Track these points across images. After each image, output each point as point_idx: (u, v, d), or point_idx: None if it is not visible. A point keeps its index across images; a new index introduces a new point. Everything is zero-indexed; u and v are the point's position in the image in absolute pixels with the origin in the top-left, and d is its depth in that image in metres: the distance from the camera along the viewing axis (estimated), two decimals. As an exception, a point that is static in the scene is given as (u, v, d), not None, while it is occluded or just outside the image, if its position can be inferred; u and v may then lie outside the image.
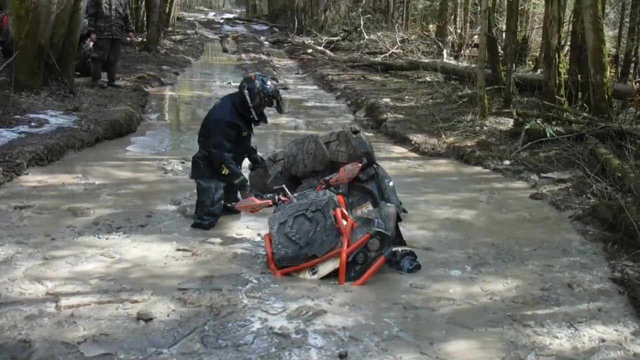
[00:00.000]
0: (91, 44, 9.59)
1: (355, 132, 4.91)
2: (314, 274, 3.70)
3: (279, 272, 3.72)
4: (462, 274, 3.89)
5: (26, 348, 2.75)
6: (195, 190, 4.63)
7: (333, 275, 3.67)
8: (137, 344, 2.85)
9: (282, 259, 3.73)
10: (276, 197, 4.27)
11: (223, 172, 4.45)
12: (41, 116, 7.05)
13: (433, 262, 4.01)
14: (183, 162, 6.12)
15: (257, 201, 4.22)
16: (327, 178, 4.54)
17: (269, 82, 4.57)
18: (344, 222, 3.81)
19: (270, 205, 4.23)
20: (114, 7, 9.36)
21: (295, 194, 4.32)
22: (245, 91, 4.48)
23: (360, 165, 4.55)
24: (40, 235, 4.08)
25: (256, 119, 4.57)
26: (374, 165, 4.79)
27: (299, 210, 3.90)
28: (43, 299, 3.24)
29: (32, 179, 5.34)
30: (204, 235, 4.32)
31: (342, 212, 3.93)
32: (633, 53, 9.20)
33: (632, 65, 9.35)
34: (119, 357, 2.73)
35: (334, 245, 3.71)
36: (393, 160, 6.89)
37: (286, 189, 4.36)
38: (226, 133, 4.46)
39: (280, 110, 4.74)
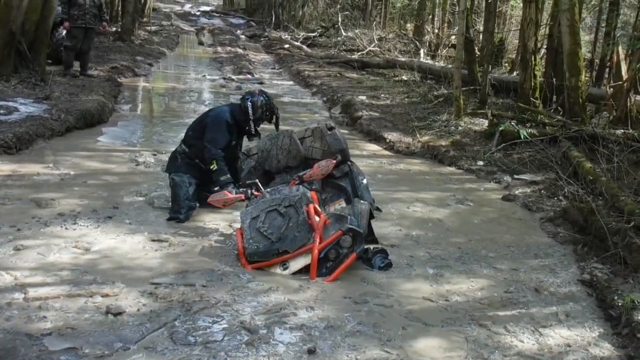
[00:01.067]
0: (64, 32, 9.37)
1: (330, 128, 4.89)
2: (285, 269, 3.67)
3: (250, 266, 3.69)
4: (431, 272, 3.90)
5: None
6: (168, 184, 4.57)
7: (304, 270, 3.65)
8: (103, 338, 2.79)
9: (253, 254, 3.70)
10: (249, 191, 4.23)
11: (212, 167, 4.44)
12: (10, 104, 6.87)
13: (403, 260, 4.02)
14: (155, 155, 6.04)
15: (230, 195, 4.20)
16: (301, 174, 4.52)
17: (270, 98, 4.70)
18: (317, 219, 3.80)
19: (242, 200, 4.20)
20: (88, -5, 9.15)
21: (268, 189, 4.29)
22: (248, 103, 4.57)
23: (334, 161, 4.54)
24: (5, 226, 3.96)
25: (253, 132, 4.65)
26: (348, 163, 4.78)
27: (272, 206, 3.87)
28: (10, 289, 3.15)
29: (0, 168, 5.17)
30: (174, 228, 4.27)
31: (314, 208, 3.91)
32: (608, 58, 9.37)
33: (607, 70, 9.52)
34: (83, 352, 2.67)
35: (305, 242, 3.69)
36: (367, 158, 6.90)
37: (259, 183, 4.33)
38: (223, 132, 4.52)
39: (277, 126, 4.81)
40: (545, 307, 3.50)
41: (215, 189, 4.36)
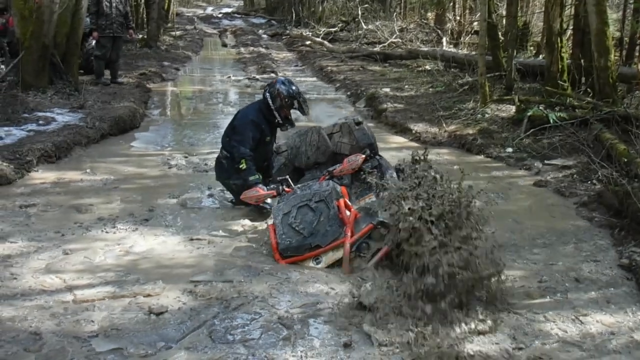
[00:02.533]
0: (93, 42, 9.65)
1: (358, 123, 4.94)
2: (317, 263, 3.73)
3: (283, 261, 3.76)
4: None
5: (37, 340, 2.80)
6: (223, 188, 4.79)
7: (337, 264, 3.69)
8: (146, 338, 2.89)
9: (286, 249, 3.77)
10: (280, 187, 4.33)
11: (240, 167, 4.50)
12: (48, 114, 7.17)
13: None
14: (186, 157, 6.20)
15: (262, 191, 4.30)
16: (331, 169, 4.59)
17: (288, 84, 4.62)
18: (347, 213, 3.85)
19: (274, 196, 4.30)
20: (114, 5, 9.39)
21: (299, 185, 4.37)
22: (267, 94, 4.59)
23: (363, 156, 4.58)
24: (51, 232, 4.14)
25: (280, 121, 4.63)
26: (377, 157, 4.82)
27: (303, 201, 3.95)
28: (59, 291, 3.29)
29: (42, 175, 5.43)
30: (210, 227, 4.38)
31: (345, 203, 3.96)
32: (638, 35, 9.13)
33: (637, 48, 9.28)
34: (128, 352, 2.77)
35: (337, 236, 3.74)
36: (394, 150, 6.89)
37: (290, 180, 4.41)
38: (250, 131, 4.55)
39: (303, 111, 4.72)
40: (585, 293, 3.47)
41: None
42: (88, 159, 6.13)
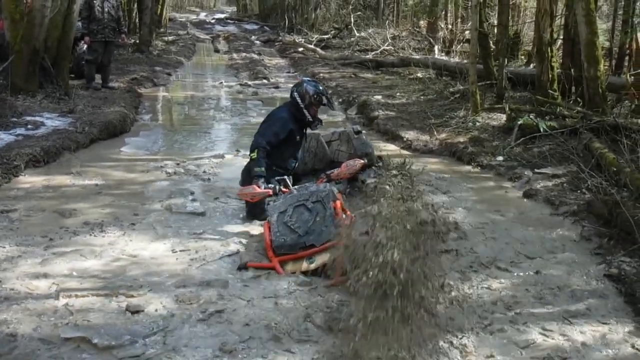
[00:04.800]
0: (85, 46, 9.60)
1: (357, 132, 5.01)
2: (311, 263, 3.70)
3: (276, 259, 3.73)
4: (457, 273, 3.86)
5: (11, 341, 2.81)
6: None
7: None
8: (114, 332, 2.91)
9: (280, 247, 3.76)
10: (277, 187, 4.33)
11: (251, 155, 4.52)
12: (37, 118, 7.11)
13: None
14: (178, 164, 6.14)
15: (258, 189, 4.28)
16: (329, 172, 4.62)
17: (315, 83, 4.83)
18: (344, 215, 3.84)
19: (270, 195, 4.28)
20: (106, 9, 9.36)
21: (296, 187, 4.37)
22: (295, 94, 4.69)
23: (362, 161, 4.60)
24: (38, 236, 4.11)
25: (310, 119, 4.71)
26: (374, 167, 4.85)
27: (300, 201, 3.96)
28: (41, 295, 3.29)
29: (29, 180, 5.38)
30: (197, 234, 4.33)
31: (341, 205, 3.96)
32: (627, 46, 9.22)
33: (626, 58, 9.38)
34: (92, 341, 2.82)
35: (332, 236, 3.70)
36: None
37: (287, 180, 4.42)
38: (276, 126, 4.61)
39: (331, 106, 4.96)
40: (574, 303, 3.46)
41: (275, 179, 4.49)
42: (77, 163, 6.05)
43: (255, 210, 4.58)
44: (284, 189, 4.31)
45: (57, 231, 4.23)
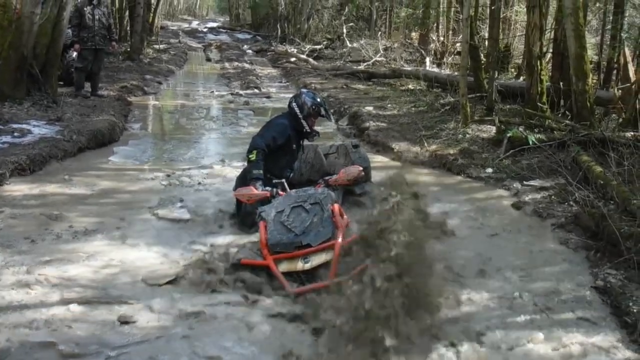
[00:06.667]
0: (74, 54, 9.54)
1: (355, 146, 5.05)
2: (306, 263, 3.67)
3: (271, 257, 3.69)
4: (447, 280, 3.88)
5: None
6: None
7: (325, 267, 3.63)
8: (85, 340, 2.92)
9: (276, 244, 3.73)
10: (274, 190, 4.32)
11: (250, 157, 4.50)
12: (24, 126, 7.02)
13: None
14: (169, 175, 6.09)
15: (255, 191, 4.27)
16: (327, 178, 4.64)
17: (313, 94, 4.90)
18: (340, 219, 3.84)
19: (267, 197, 4.26)
20: (97, 17, 9.32)
21: (294, 190, 4.35)
22: (294, 104, 4.74)
23: (361, 168, 4.61)
24: (22, 244, 4.07)
25: (308, 130, 4.75)
26: (369, 182, 4.87)
27: (297, 202, 3.96)
28: (27, 304, 3.27)
29: (14, 188, 5.30)
30: (188, 242, 4.33)
31: (339, 208, 3.97)
32: (615, 60, 9.33)
33: (614, 72, 9.48)
34: (59, 348, 2.83)
35: (329, 237, 3.71)
36: (376, 169, 6.88)
37: (285, 184, 4.44)
38: (275, 131, 4.63)
39: (329, 118, 5.04)
40: (560, 314, 3.48)
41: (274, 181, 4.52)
42: (63, 172, 5.99)
43: (246, 221, 4.55)
44: (281, 192, 4.31)
45: (43, 238, 4.20)
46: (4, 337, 2.91)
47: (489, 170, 6.60)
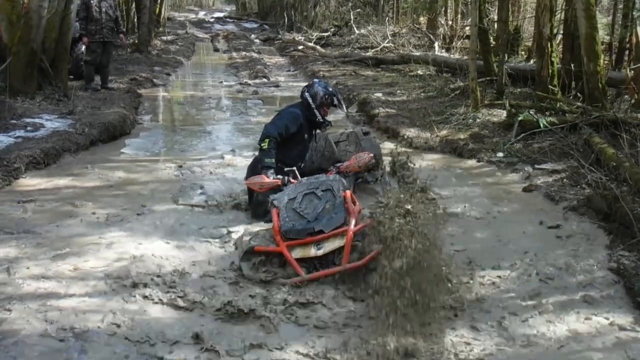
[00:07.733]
0: (83, 47, 9.59)
1: (366, 133, 5.08)
2: (319, 249, 3.68)
3: (284, 244, 3.70)
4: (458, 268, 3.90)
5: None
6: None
7: (338, 252, 3.64)
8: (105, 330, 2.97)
9: (289, 231, 3.75)
10: (286, 178, 4.36)
11: (262, 145, 4.53)
12: (37, 120, 7.11)
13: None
14: (180, 166, 6.14)
15: (267, 179, 4.30)
16: (338, 164, 4.66)
17: (325, 84, 4.92)
18: (353, 205, 3.86)
19: (279, 185, 4.29)
20: (104, 9, 9.35)
21: (305, 177, 4.38)
22: (307, 94, 4.76)
23: (371, 155, 4.62)
24: (39, 237, 4.13)
25: (321, 120, 4.77)
26: (381, 168, 4.89)
27: (309, 189, 4.00)
28: (44, 295, 3.31)
29: (30, 182, 5.38)
30: (203, 233, 4.37)
31: (351, 195, 3.99)
32: (627, 40, 9.19)
33: (626, 52, 9.34)
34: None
35: (342, 223, 3.73)
36: (386, 155, 6.88)
37: (297, 172, 4.47)
38: (287, 120, 4.65)
39: (341, 107, 5.03)
40: (574, 296, 3.49)
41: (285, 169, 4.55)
42: (77, 165, 6.07)
43: (258, 210, 4.58)
44: (292, 180, 4.34)
45: (62, 229, 4.28)
46: (29, 325, 2.97)
47: (500, 154, 6.57)
